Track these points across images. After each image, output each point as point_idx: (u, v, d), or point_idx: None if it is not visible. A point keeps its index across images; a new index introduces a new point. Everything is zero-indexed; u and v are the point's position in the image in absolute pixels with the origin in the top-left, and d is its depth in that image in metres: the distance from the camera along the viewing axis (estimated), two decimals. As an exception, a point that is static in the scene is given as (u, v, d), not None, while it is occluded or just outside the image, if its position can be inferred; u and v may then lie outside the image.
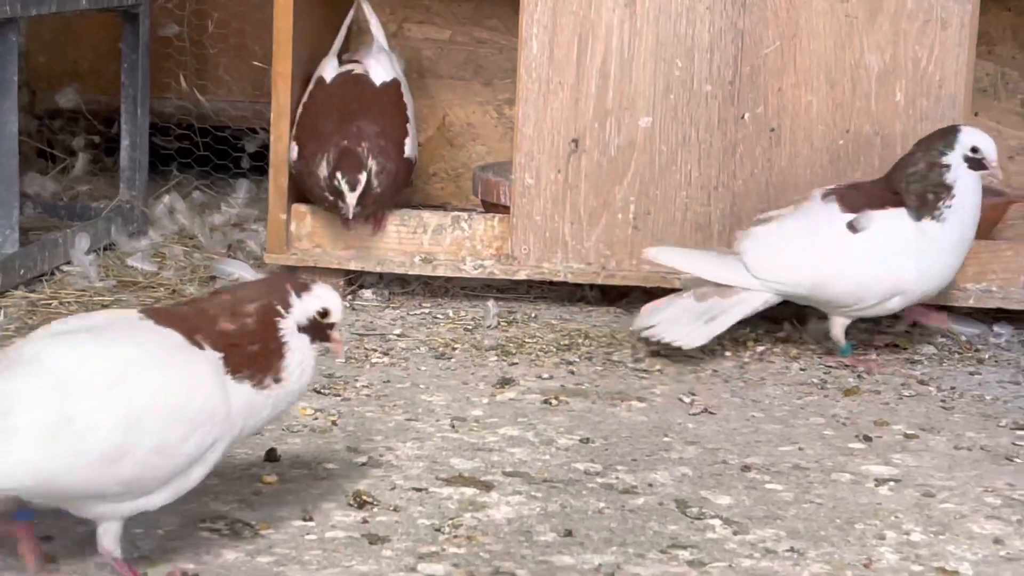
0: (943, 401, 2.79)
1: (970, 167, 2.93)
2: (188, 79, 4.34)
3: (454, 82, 3.96)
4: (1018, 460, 2.49)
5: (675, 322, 2.93)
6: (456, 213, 3.41)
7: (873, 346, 3.10)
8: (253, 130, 4.32)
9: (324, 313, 1.96)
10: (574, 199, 3.23)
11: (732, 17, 3.20)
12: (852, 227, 2.90)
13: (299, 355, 1.95)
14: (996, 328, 3.27)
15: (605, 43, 3.22)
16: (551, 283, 3.40)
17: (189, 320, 1.90)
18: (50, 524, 1.98)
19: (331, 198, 3.16)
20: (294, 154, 3.25)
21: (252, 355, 1.90)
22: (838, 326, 2.98)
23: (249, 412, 1.91)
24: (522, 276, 3.29)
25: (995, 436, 2.61)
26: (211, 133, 4.36)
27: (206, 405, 1.84)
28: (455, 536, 2.10)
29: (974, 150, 2.92)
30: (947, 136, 2.95)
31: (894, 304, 2.94)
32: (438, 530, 2.12)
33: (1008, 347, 3.18)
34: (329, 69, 3.37)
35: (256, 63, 4.20)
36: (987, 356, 3.11)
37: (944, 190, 2.91)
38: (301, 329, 1.94)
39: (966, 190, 2.92)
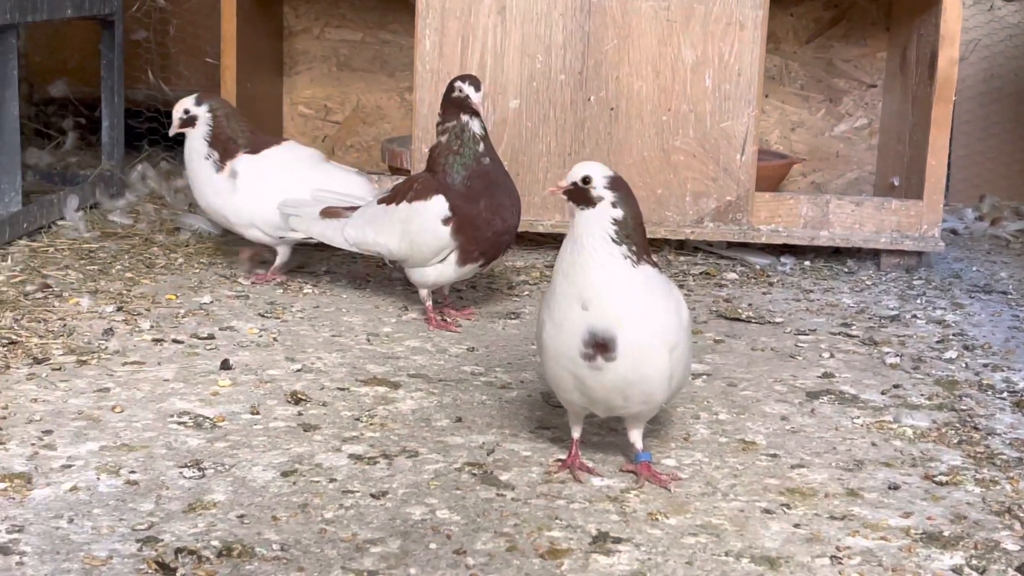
0: (743, 314, 2.82)
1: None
2: (154, 73, 4.25)
3: (365, 73, 3.91)
4: (799, 357, 2.52)
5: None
6: (369, 175, 3.36)
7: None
8: (208, 113, 4.23)
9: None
10: (460, 164, 3.21)
11: (580, 22, 3.18)
12: None
13: None
14: (782, 259, 3.30)
15: (482, 42, 3.19)
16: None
17: None
18: (50, 421, 1.92)
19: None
20: None
21: None
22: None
23: None
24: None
25: (782, 340, 2.64)
26: (174, 116, 4.27)
27: None
28: (371, 424, 2.08)
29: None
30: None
31: None
32: (358, 419, 2.10)
33: (792, 273, 3.22)
34: None
35: (208, 60, 4.11)
36: (776, 280, 3.14)
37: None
38: None
39: None
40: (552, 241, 3.37)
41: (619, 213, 1.79)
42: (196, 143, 2.89)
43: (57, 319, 2.54)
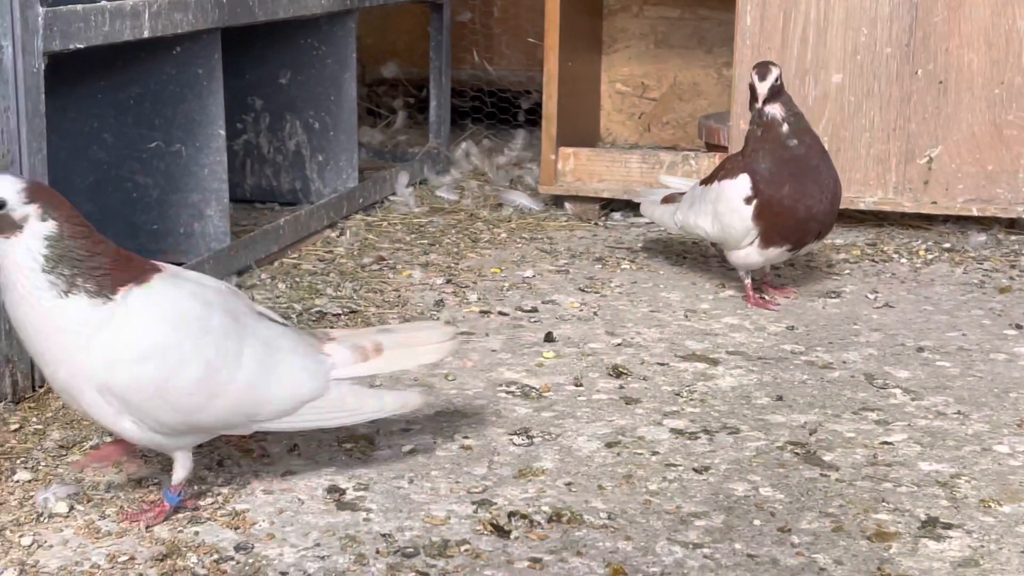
0: (1081, 297, 2.68)
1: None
2: (479, 54, 4.39)
3: (682, 50, 3.92)
4: None
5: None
6: (685, 152, 3.38)
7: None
8: (528, 92, 4.34)
9: None
10: (779, 140, 3.17)
11: (907, -7, 3.09)
12: None
13: None
14: (1125, 239, 3.12)
15: (805, 15, 3.14)
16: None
17: None
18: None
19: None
20: None
21: None
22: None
23: None
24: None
25: (1125, 325, 2.50)
26: (496, 95, 4.41)
27: None
28: (691, 399, 2.11)
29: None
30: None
31: None
32: (678, 394, 2.13)
33: None
34: None
35: (530, 39, 4.22)
36: (1118, 262, 2.97)
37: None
38: None
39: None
40: (874, 219, 3.30)
41: (50, 227, 1.52)
42: None
43: (392, 290, 2.68)
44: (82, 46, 2.14)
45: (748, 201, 2.54)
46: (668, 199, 2.84)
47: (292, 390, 1.67)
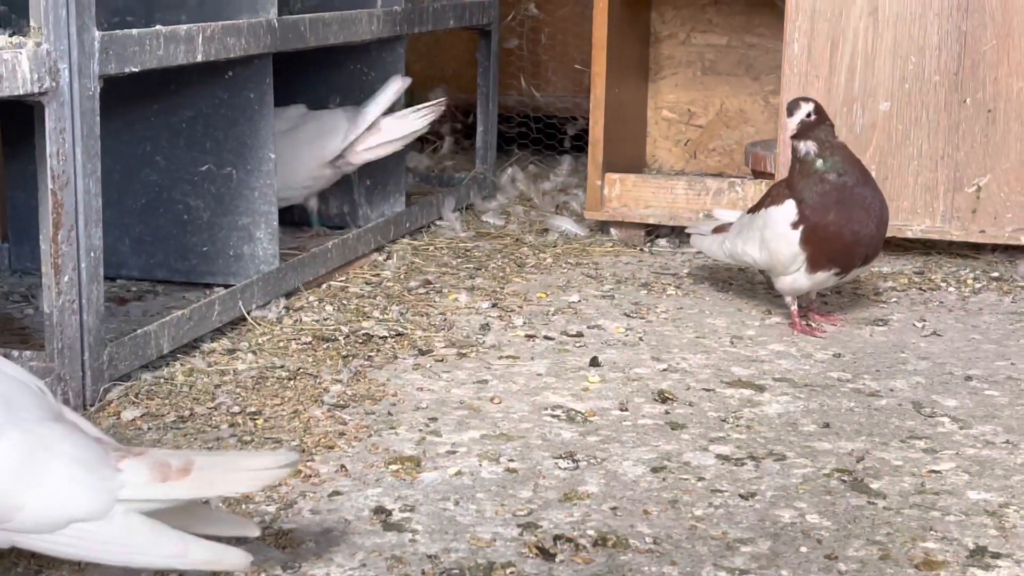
0: None
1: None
2: (526, 80, 4.41)
3: (729, 77, 3.92)
4: None
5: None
6: (732, 179, 3.38)
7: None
8: (574, 118, 4.35)
9: None
10: (826, 167, 3.16)
11: (956, 21, 3.07)
12: None
13: None
14: None
15: (852, 44, 3.13)
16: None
17: None
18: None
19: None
20: None
21: None
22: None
23: None
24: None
25: None
26: (542, 121, 4.42)
27: None
28: (737, 425, 2.10)
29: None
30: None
31: None
32: (724, 420, 2.12)
33: None
34: None
35: (577, 66, 4.23)
36: None
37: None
38: None
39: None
40: (921, 247, 3.28)
41: None
42: None
43: (438, 313, 2.69)
44: (137, 69, 2.17)
45: (795, 226, 2.54)
46: (717, 230, 2.84)
47: (54, 501, 1.44)
